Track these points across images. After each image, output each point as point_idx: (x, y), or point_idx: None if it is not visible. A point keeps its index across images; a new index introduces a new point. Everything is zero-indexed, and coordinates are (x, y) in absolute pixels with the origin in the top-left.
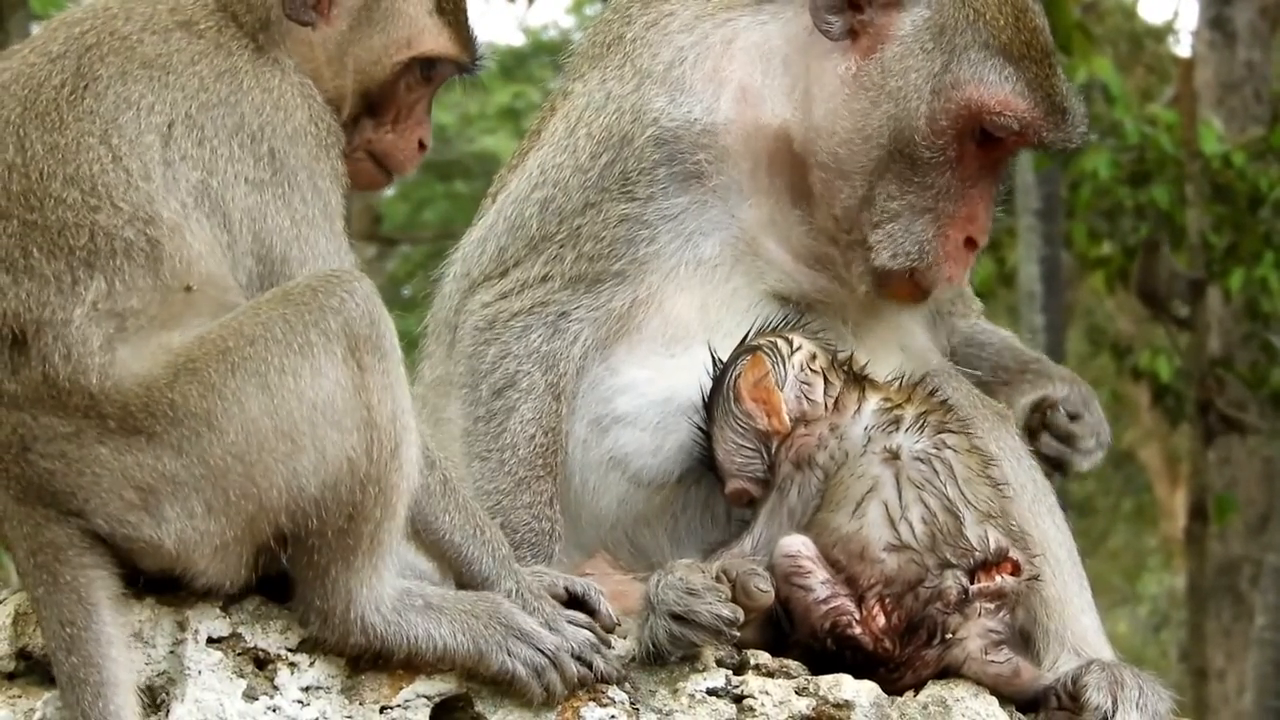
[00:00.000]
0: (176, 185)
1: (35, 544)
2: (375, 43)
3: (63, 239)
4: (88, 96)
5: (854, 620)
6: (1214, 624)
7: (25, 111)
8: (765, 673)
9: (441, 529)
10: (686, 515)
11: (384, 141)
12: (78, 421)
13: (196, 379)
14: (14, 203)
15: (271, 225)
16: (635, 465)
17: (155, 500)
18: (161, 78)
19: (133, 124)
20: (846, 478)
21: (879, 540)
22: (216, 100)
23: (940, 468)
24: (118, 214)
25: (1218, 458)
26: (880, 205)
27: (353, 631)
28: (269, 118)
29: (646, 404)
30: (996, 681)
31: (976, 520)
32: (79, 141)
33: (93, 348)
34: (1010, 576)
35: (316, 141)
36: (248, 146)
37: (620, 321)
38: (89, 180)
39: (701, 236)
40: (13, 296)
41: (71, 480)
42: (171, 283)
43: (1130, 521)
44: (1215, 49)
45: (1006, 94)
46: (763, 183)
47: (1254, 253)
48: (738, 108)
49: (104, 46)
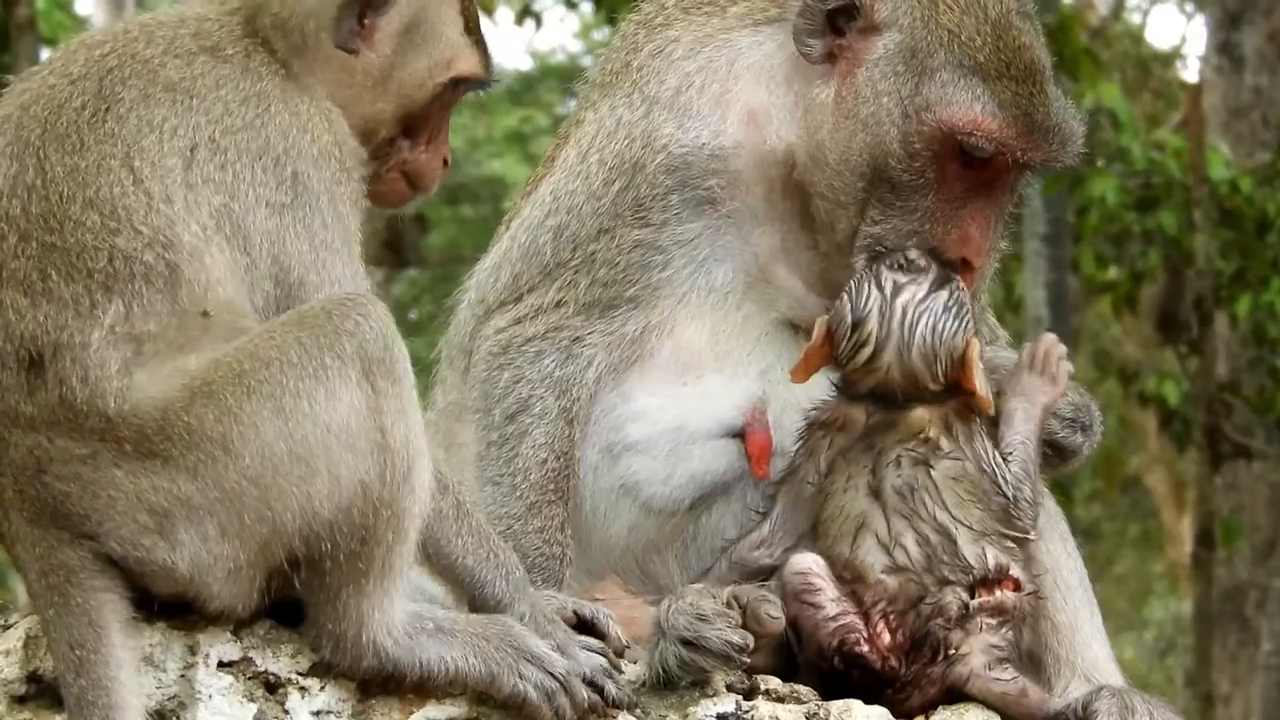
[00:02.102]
0: (198, 209)
1: (47, 565)
2: (420, 65)
3: (81, 262)
4: (109, 119)
5: (861, 638)
6: (1220, 649)
7: (45, 133)
8: (775, 698)
9: (454, 553)
10: (697, 543)
11: (418, 161)
12: (93, 444)
13: (213, 402)
14: (33, 225)
15: (291, 249)
16: (646, 493)
17: (170, 524)
18: (185, 101)
19: (155, 147)
20: (836, 514)
21: (876, 565)
22: (241, 124)
23: (926, 498)
24: (137, 237)
25: (1224, 483)
26: (864, 231)
27: (365, 655)
28: (294, 141)
29: (658, 432)
30: (1004, 700)
31: (972, 539)
32: (100, 164)
33: (110, 371)
34: (1011, 592)
35: (340, 166)
36: (271, 170)
37: (633, 347)
38: (109, 203)
39: (715, 263)
40: (30, 319)
41: (86, 503)
42: (189, 307)
43: (1136, 547)
44: (1223, 74)
45: (977, 114)
46: (777, 208)
47: (1261, 278)
48: (745, 130)
49: (125, 69)
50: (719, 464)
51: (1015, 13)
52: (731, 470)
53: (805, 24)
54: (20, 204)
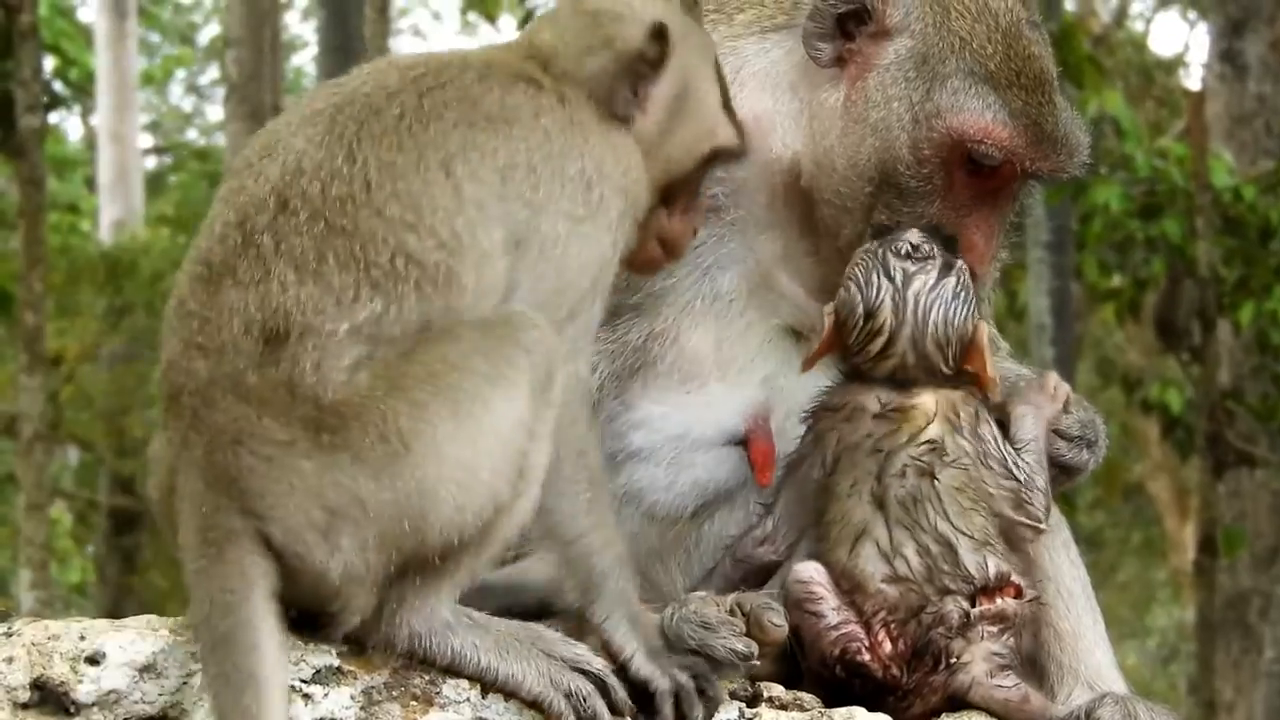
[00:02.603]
0: (503, 220)
1: (210, 523)
2: (686, 135)
3: (364, 252)
4: (432, 129)
5: (863, 647)
6: (1223, 657)
7: (361, 129)
8: (778, 705)
9: (579, 530)
10: (699, 550)
11: (673, 229)
12: (295, 432)
13: (405, 398)
14: (328, 206)
15: (573, 253)
16: (649, 500)
17: (337, 525)
18: (505, 130)
19: (476, 159)
20: (839, 518)
21: (876, 574)
22: (560, 150)
23: (929, 508)
24: (431, 236)
25: (1227, 490)
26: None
27: (398, 636)
28: (609, 170)
29: (661, 440)
30: (1006, 707)
31: (973, 548)
32: (419, 161)
33: (342, 364)
34: (1013, 599)
35: (633, 205)
36: (580, 189)
37: (636, 354)
38: (416, 197)
39: (719, 270)
40: (293, 295)
41: (268, 485)
42: (439, 320)
43: (1139, 554)
44: (1226, 82)
45: (988, 122)
46: (779, 215)
47: (1264, 285)
48: (753, 138)
49: (447, 91)
50: (722, 471)
51: (1025, 22)
52: (734, 477)
53: (815, 27)
54: (320, 184)
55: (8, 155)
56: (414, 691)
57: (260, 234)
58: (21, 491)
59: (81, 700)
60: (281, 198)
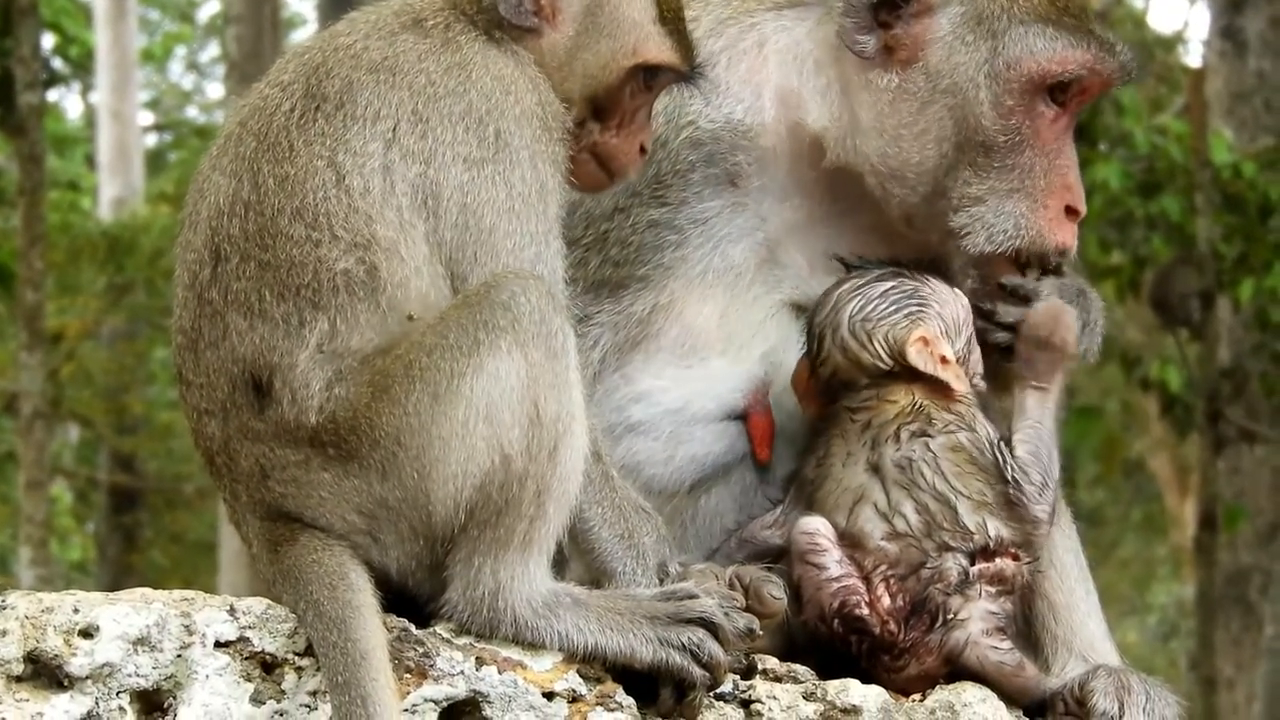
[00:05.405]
0: (394, 191)
1: (284, 543)
2: (602, 49)
3: (290, 278)
4: (318, 118)
5: (862, 601)
6: (1223, 633)
7: (259, 145)
8: (773, 678)
9: (589, 519)
10: (696, 524)
11: (609, 144)
12: (304, 450)
13: (387, 398)
14: (250, 243)
15: (485, 197)
16: (647, 474)
17: (376, 526)
18: (388, 79)
19: (358, 136)
20: (835, 488)
21: (875, 533)
22: (444, 92)
23: (925, 468)
24: (336, 244)
25: (1227, 467)
26: (959, 193)
27: (502, 621)
28: (497, 101)
29: (660, 413)
30: (1000, 671)
31: (972, 509)
32: (308, 167)
33: (313, 390)
34: (1011, 561)
35: (542, 125)
36: (473, 129)
37: (640, 327)
38: (312, 210)
39: (730, 243)
40: (249, 342)
41: (303, 503)
42: (389, 312)
43: (1140, 531)
44: (1226, 59)
45: (1060, 51)
46: (806, 182)
47: (1264, 262)
48: (780, 110)
49: (330, 62)
50: (720, 446)
51: None
52: (732, 452)
53: (853, 23)
54: (239, 223)
55: (8, 133)
56: (407, 664)
57: (208, 290)
58: (21, 469)
59: (75, 673)
60: (214, 248)
